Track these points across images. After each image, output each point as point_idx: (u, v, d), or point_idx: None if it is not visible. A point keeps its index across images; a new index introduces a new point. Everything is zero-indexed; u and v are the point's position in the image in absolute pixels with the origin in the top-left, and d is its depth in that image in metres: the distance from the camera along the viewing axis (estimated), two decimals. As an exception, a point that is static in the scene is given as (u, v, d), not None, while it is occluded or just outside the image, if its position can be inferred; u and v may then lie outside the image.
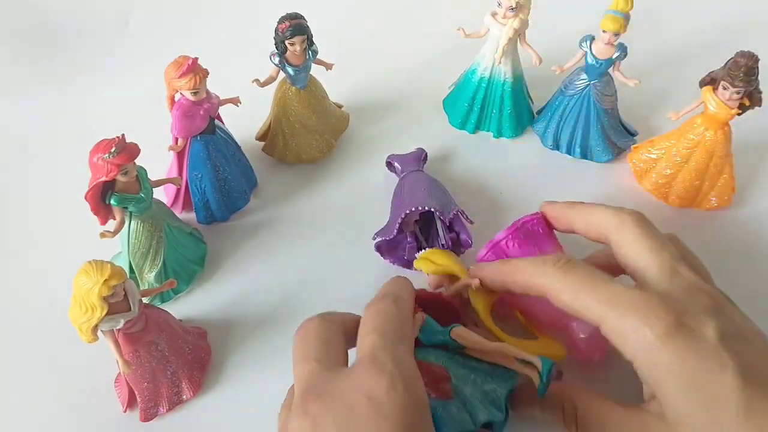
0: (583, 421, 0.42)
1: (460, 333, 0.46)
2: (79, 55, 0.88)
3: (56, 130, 0.78)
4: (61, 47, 0.89)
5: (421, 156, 0.69)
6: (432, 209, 0.60)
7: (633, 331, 0.38)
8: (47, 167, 0.74)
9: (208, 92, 0.62)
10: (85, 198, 0.53)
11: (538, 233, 0.54)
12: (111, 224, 0.56)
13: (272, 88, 0.70)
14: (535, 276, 0.44)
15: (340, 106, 0.77)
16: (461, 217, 0.62)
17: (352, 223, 0.67)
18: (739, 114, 0.62)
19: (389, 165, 0.71)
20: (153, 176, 0.58)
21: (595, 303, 0.40)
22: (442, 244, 0.62)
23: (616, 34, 0.65)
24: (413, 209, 0.60)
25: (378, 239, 0.62)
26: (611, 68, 0.68)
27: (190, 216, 0.68)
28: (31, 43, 0.90)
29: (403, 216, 0.60)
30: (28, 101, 0.82)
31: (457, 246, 0.62)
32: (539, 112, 0.77)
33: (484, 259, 0.55)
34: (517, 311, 0.54)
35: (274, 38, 0.65)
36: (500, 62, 0.71)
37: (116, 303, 0.47)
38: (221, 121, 0.66)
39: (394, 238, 0.61)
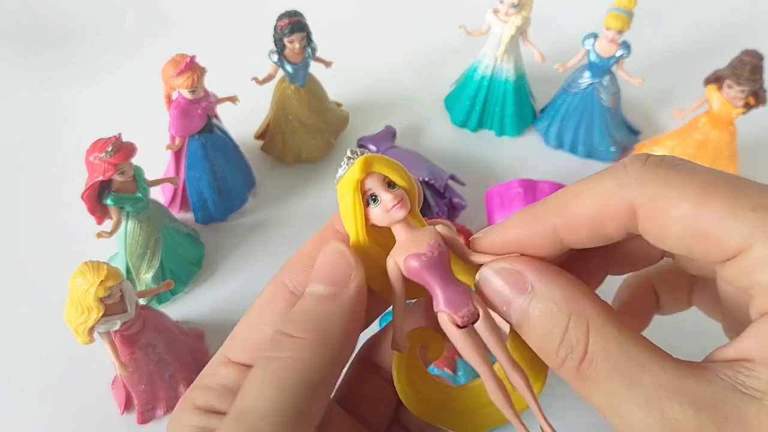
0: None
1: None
2: (75, 54, 0.87)
3: (52, 128, 0.78)
4: (57, 45, 0.88)
5: (392, 133, 0.71)
6: (426, 179, 0.61)
7: None
8: (43, 166, 0.73)
9: (205, 91, 0.61)
10: (82, 198, 0.53)
11: None
12: (108, 224, 0.56)
13: (271, 86, 0.69)
14: (614, 190, 0.22)
15: (339, 105, 0.77)
16: (453, 180, 0.63)
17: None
18: (744, 113, 0.61)
19: (362, 147, 0.71)
20: (150, 176, 0.57)
21: (744, 211, 0.20)
22: (437, 212, 0.63)
23: (620, 32, 0.64)
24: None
25: None
26: (615, 66, 0.67)
27: (188, 216, 0.67)
28: (28, 41, 0.89)
29: None
30: (24, 99, 0.81)
31: (451, 210, 0.63)
32: (542, 110, 0.76)
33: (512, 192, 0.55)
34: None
35: (273, 36, 0.64)
36: (502, 60, 0.71)
37: (113, 304, 0.47)
38: (219, 120, 0.66)
39: None
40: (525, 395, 0.23)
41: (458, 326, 0.23)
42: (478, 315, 0.23)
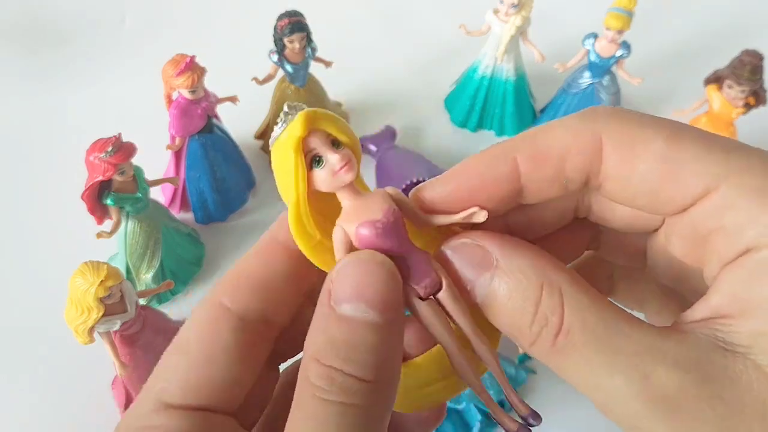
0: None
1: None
2: (75, 54, 0.87)
3: (52, 128, 0.78)
4: (57, 45, 0.88)
5: (392, 133, 0.71)
6: (425, 179, 0.61)
7: None
8: (43, 166, 0.73)
9: (205, 91, 0.61)
10: (82, 198, 0.53)
11: None
12: (108, 224, 0.56)
13: (271, 86, 0.69)
14: (583, 124, 0.21)
15: (339, 105, 0.77)
16: None
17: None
18: (744, 113, 0.61)
19: (362, 147, 0.71)
20: (150, 176, 0.57)
21: (717, 153, 0.19)
22: None
23: (620, 32, 0.64)
24: (411, 180, 0.61)
25: None
26: (615, 66, 0.67)
27: (188, 216, 0.67)
28: (28, 41, 0.89)
29: (401, 189, 0.60)
30: (24, 100, 0.81)
31: None
32: (542, 110, 0.76)
33: None
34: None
35: (273, 36, 0.64)
36: (502, 60, 0.71)
37: (113, 304, 0.47)
38: (219, 120, 0.66)
39: None
40: (491, 363, 0.21)
41: (420, 298, 0.20)
42: (441, 284, 0.20)
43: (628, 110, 0.21)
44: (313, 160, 0.20)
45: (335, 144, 0.21)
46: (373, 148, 0.70)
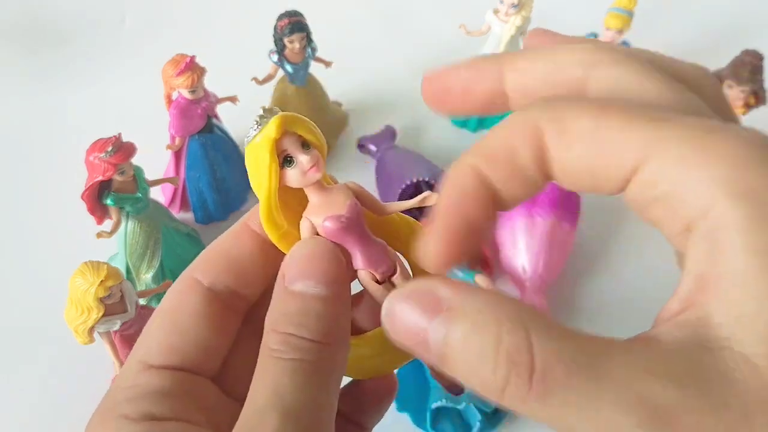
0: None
1: (482, 280, 0.50)
2: (75, 54, 0.87)
3: (52, 128, 0.78)
4: (57, 45, 0.88)
5: (392, 133, 0.71)
6: (426, 179, 0.61)
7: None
8: (43, 166, 0.73)
9: (205, 91, 0.61)
10: (82, 198, 0.53)
11: None
12: (108, 224, 0.56)
13: (271, 86, 0.69)
14: (520, 116, 0.20)
15: (339, 105, 0.77)
16: None
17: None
18: (744, 113, 0.61)
19: (362, 148, 0.71)
20: (150, 176, 0.57)
21: (641, 122, 0.18)
22: None
23: (620, 32, 0.64)
24: (411, 180, 0.61)
25: None
26: (614, 66, 0.67)
27: (188, 216, 0.67)
28: (28, 41, 0.89)
29: (402, 188, 0.61)
30: (24, 100, 0.81)
31: None
32: (541, 110, 0.76)
33: None
34: None
35: (273, 36, 0.64)
36: (502, 60, 0.71)
37: (113, 304, 0.47)
38: (219, 120, 0.66)
39: None
40: None
41: (377, 281, 0.23)
42: (396, 269, 0.24)
43: (561, 97, 0.20)
44: (285, 160, 0.23)
45: (305, 145, 0.23)
46: (373, 148, 0.70)
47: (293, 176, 0.23)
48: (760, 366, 0.15)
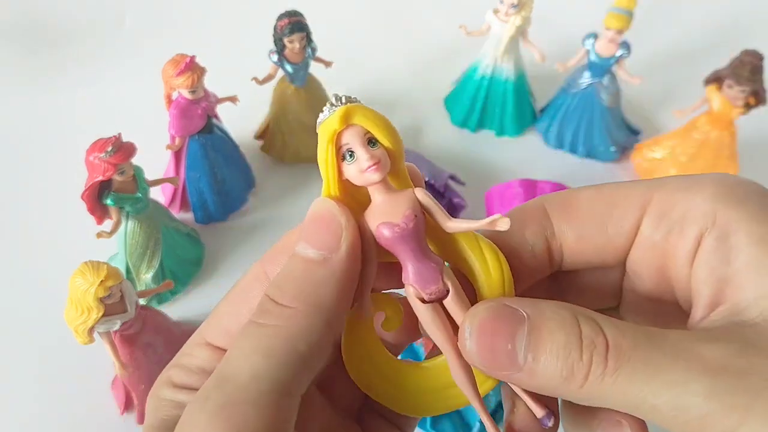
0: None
1: None
2: (75, 54, 0.87)
3: (52, 128, 0.78)
4: (57, 45, 0.88)
5: None
6: (426, 179, 0.61)
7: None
8: (43, 166, 0.73)
9: (205, 91, 0.61)
10: (82, 197, 0.53)
11: None
12: (108, 224, 0.56)
13: (271, 86, 0.69)
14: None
15: (339, 105, 0.77)
16: (453, 180, 0.64)
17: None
18: (744, 113, 0.61)
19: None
20: (150, 176, 0.57)
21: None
22: None
23: (620, 32, 0.64)
24: None
25: None
26: (615, 66, 0.67)
27: (188, 216, 0.67)
28: (28, 41, 0.89)
29: None
30: (24, 99, 0.81)
31: (451, 210, 0.63)
32: (542, 110, 0.76)
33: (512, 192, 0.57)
34: None
35: (273, 36, 0.64)
36: (502, 60, 0.71)
37: (113, 304, 0.47)
38: (219, 120, 0.66)
39: None
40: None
41: (423, 301, 0.22)
42: (448, 292, 0.22)
43: (567, 189, 0.24)
44: (347, 153, 0.22)
45: (371, 142, 0.22)
46: None
47: (351, 172, 0.22)
48: None
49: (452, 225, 0.22)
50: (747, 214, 0.20)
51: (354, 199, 0.22)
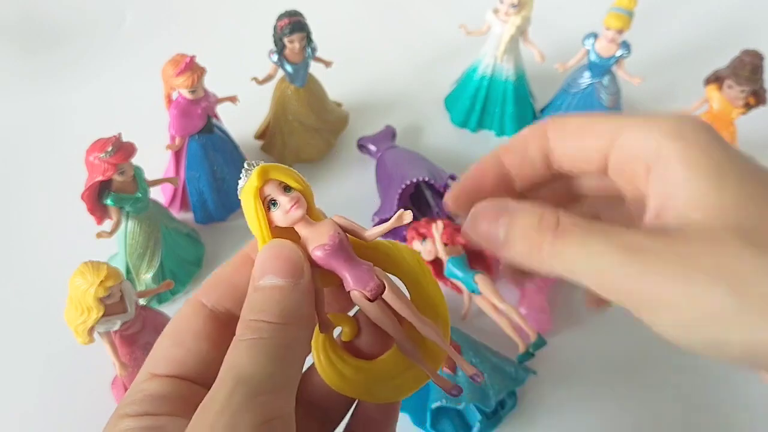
0: None
1: (482, 280, 0.54)
2: (75, 53, 0.87)
3: (52, 128, 0.78)
4: (57, 45, 0.88)
5: (392, 133, 0.71)
6: (426, 179, 0.61)
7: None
8: (43, 166, 0.73)
9: (205, 91, 0.61)
10: (82, 198, 0.53)
11: None
12: (108, 224, 0.56)
13: (271, 86, 0.69)
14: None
15: (339, 105, 0.77)
16: (453, 180, 0.64)
17: (351, 222, 0.67)
18: (744, 113, 0.61)
19: (362, 148, 0.71)
20: (150, 176, 0.57)
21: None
22: (437, 212, 0.64)
23: (620, 32, 0.64)
24: (411, 181, 0.61)
25: (377, 219, 0.63)
26: (615, 66, 0.67)
27: (188, 216, 0.67)
28: (27, 41, 0.89)
29: (402, 188, 0.61)
30: (23, 99, 0.81)
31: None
32: (542, 110, 0.76)
33: None
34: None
35: (273, 36, 0.64)
36: (502, 60, 0.71)
37: (112, 304, 0.47)
38: (219, 120, 0.66)
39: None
40: (441, 344, 0.26)
41: (369, 299, 0.26)
42: (384, 286, 0.26)
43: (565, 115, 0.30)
44: (270, 203, 0.26)
45: (287, 189, 0.26)
46: (373, 148, 0.70)
47: (278, 216, 0.26)
48: (697, 219, 0.23)
49: (370, 233, 0.27)
50: (684, 143, 0.25)
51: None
